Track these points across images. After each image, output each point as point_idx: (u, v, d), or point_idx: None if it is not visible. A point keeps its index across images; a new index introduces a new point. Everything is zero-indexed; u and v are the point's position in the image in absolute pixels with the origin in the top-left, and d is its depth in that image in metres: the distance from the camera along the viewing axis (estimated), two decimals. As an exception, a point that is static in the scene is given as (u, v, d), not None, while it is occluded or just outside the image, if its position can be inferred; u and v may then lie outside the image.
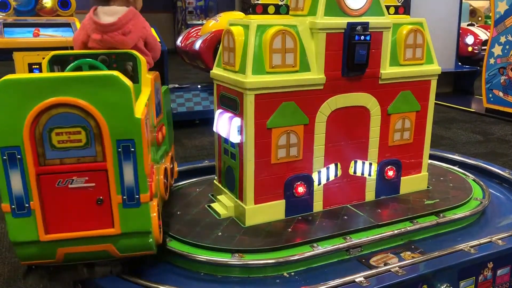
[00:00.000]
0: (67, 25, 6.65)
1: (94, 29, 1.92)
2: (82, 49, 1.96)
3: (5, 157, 1.44)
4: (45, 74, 1.58)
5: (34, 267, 1.75)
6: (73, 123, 1.45)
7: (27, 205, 1.49)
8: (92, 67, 1.81)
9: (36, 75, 1.55)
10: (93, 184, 1.51)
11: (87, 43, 1.95)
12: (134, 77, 1.87)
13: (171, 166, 2.24)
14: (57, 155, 1.48)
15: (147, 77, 1.88)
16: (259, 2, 1.90)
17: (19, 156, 1.45)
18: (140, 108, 1.52)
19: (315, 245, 1.83)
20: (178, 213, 2.07)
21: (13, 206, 1.49)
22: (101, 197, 1.52)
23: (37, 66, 6.18)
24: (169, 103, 2.33)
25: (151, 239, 1.60)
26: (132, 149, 1.49)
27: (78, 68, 1.80)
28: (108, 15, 1.94)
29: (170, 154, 2.27)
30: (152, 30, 3.24)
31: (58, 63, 1.85)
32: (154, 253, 1.68)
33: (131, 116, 1.47)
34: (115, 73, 1.46)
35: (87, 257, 1.64)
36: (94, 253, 1.61)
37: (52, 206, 1.52)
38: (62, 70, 1.84)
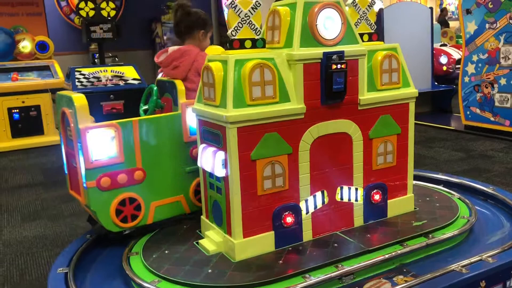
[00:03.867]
0: (46, 68, 6.65)
1: None
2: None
3: (60, 138, 2.32)
4: (64, 92, 2.25)
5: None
6: (69, 124, 2.12)
7: (66, 168, 2.33)
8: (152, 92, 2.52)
9: (62, 93, 2.23)
10: (76, 167, 2.15)
11: None
12: (176, 101, 2.40)
13: None
14: (69, 143, 2.22)
15: (180, 102, 2.35)
16: (235, 37, 1.93)
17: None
18: (87, 120, 2.06)
19: (307, 275, 1.81)
20: (166, 252, 2.04)
21: (65, 167, 2.34)
22: (79, 176, 2.14)
23: (17, 110, 6.16)
24: None
25: (98, 215, 2.14)
26: (80, 151, 2.06)
27: (149, 90, 2.57)
28: (163, 55, 2.59)
29: None
30: (132, 68, 3.72)
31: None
32: (106, 228, 2.18)
33: (76, 125, 2.04)
34: (72, 94, 2.08)
35: (91, 214, 2.29)
36: (88, 212, 2.32)
37: (70, 174, 2.31)
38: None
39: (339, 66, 2.00)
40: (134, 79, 4.90)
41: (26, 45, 6.76)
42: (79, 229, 3.36)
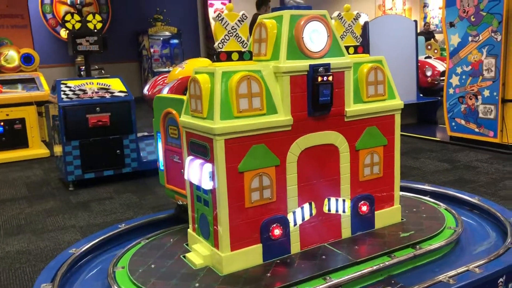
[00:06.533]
0: (31, 80, 6.59)
1: None
2: None
3: (156, 136, 2.51)
4: (165, 95, 2.50)
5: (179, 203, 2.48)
6: (174, 124, 2.31)
7: (162, 164, 2.47)
8: None
9: (161, 95, 2.50)
10: (180, 161, 2.29)
11: None
12: None
13: None
14: (170, 140, 2.38)
15: None
16: (222, 49, 1.94)
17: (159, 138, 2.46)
18: None
19: (295, 288, 1.80)
20: (153, 266, 2.01)
21: (158, 164, 2.51)
22: (182, 170, 2.21)
23: (1, 123, 6.08)
24: None
25: None
26: None
27: None
28: None
29: None
30: (118, 80, 3.84)
31: None
32: None
33: None
34: (183, 97, 2.21)
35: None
36: (182, 203, 2.37)
37: (169, 169, 2.44)
38: None
39: (325, 78, 2.01)
40: (120, 91, 4.88)
41: (13, 55, 6.69)
42: (64, 244, 3.30)
